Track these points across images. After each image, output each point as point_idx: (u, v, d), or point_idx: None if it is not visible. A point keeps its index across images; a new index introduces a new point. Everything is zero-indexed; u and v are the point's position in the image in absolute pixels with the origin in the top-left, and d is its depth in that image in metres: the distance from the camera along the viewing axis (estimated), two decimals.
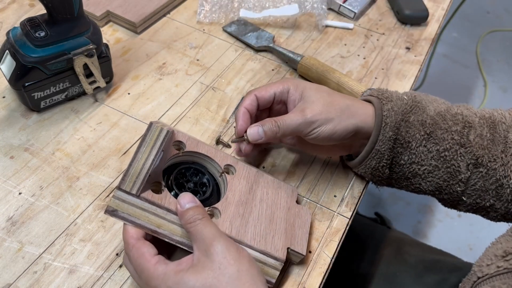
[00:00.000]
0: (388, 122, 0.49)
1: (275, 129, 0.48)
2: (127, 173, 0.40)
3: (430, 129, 0.49)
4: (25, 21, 0.54)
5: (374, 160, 0.50)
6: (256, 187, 0.49)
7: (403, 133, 0.49)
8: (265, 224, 0.46)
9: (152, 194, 0.42)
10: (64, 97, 0.60)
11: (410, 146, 0.49)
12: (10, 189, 0.51)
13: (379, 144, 0.49)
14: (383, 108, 0.49)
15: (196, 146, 0.48)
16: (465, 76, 2.01)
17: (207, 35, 0.74)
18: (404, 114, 0.49)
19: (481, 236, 1.47)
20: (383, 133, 0.49)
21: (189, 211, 0.40)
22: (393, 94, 0.51)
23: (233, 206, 0.46)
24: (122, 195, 0.41)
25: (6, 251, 0.47)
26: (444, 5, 0.86)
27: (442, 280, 0.66)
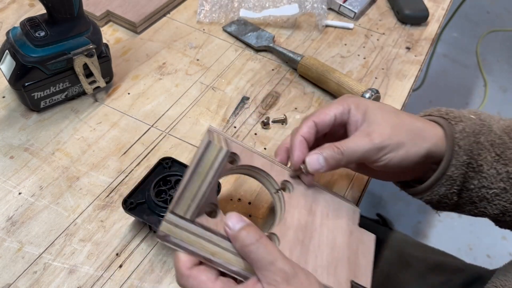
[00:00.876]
0: (462, 145, 0.43)
1: (339, 156, 0.42)
2: (181, 195, 0.36)
3: (500, 149, 0.44)
4: (25, 21, 0.54)
5: (444, 187, 0.45)
6: (316, 207, 0.44)
7: (475, 156, 0.44)
8: (327, 252, 0.41)
9: (207, 218, 0.37)
10: (64, 97, 0.60)
11: (481, 170, 0.44)
12: (10, 189, 0.51)
13: (451, 169, 0.44)
14: (454, 130, 0.44)
15: (251, 159, 0.43)
16: (465, 76, 2.01)
17: (207, 35, 0.74)
18: (475, 135, 0.44)
19: (481, 236, 1.47)
20: (457, 157, 0.43)
21: (241, 233, 0.36)
22: (460, 113, 0.46)
23: (292, 231, 0.41)
24: (175, 219, 0.36)
25: (6, 251, 0.46)
26: (444, 5, 0.86)
27: (446, 281, 0.66)
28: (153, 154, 0.56)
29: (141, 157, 0.56)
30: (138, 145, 0.57)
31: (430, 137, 0.44)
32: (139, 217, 0.47)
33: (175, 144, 0.58)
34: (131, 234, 0.49)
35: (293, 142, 0.44)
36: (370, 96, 0.61)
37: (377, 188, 1.54)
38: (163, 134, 0.59)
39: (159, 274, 0.46)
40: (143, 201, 0.47)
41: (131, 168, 0.55)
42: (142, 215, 0.47)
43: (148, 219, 0.46)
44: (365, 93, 0.61)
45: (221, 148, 0.36)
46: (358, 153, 0.42)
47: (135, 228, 0.49)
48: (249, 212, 0.52)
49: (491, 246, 1.45)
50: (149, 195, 0.47)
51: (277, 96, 0.66)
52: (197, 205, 0.36)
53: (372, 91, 0.62)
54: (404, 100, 0.67)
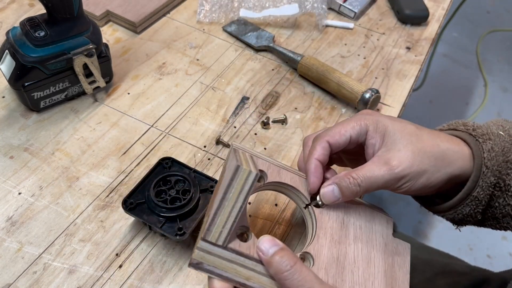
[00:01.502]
0: (490, 165, 0.41)
1: (355, 188, 0.40)
2: (213, 222, 0.35)
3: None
4: (25, 20, 0.54)
5: (468, 207, 0.43)
6: (348, 221, 0.42)
7: (503, 176, 0.42)
8: (362, 267, 0.40)
9: (240, 243, 0.37)
10: (64, 97, 0.60)
11: (509, 189, 0.42)
12: (10, 189, 0.51)
13: (477, 190, 0.42)
14: (482, 149, 0.42)
15: (278, 175, 0.42)
16: (465, 76, 2.01)
17: (207, 35, 0.74)
18: (504, 153, 0.42)
19: (482, 237, 1.46)
20: (484, 179, 0.41)
21: (275, 258, 0.35)
22: (488, 129, 0.44)
23: (326, 249, 0.40)
24: (208, 247, 0.36)
25: (6, 251, 0.46)
26: (444, 5, 0.86)
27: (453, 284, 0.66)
28: (153, 154, 0.56)
29: (141, 157, 0.56)
30: (138, 145, 0.57)
31: (455, 161, 0.42)
32: (139, 217, 0.46)
33: (175, 144, 0.58)
34: (131, 234, 0.49)
35: (308, 167, 0.42)
36: (370, 96, 0.61)
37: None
38: (163, 134, 0.59)
39: (159, 274, 0.46)
40: (143, 201, 0.47)
41: (131, 168, 0.55)
42: (142, 215, 0.47)
43: (148, 219, 0.46)
44: (365, 93, 0.61)
45: (251, 172, 0.35)
46: (376, 184, 0.40)
47: (135, 228, 0.49)
48: (249, 213, 0.52)
49: (491, 246, 1.45)
50: (149, 195, 0.47)
51: (277, 96, 0.66)
52: (229, 230, 0.36)
53: (372, 91, 0.61)
54: (404, 100, 0.67)
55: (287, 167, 0.44)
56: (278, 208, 0.53)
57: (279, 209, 0.53)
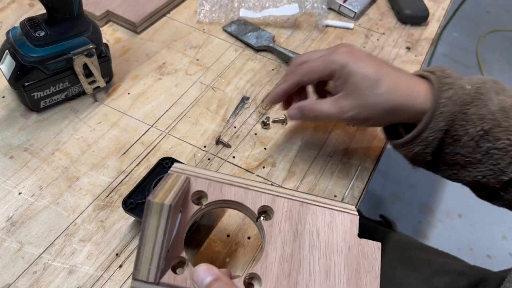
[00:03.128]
0: (444, 111, 0.45)
1: (313, 116, 0.49)
2: (138, 260, 0.34)
3: (489, 125, 0.45)
4: (25, 20, 0.54)
5: (418, 146, 0.47)
6: (303, 229, 0.39)
7: (456, 126, 0.45)
8: (320, 279, 0.37)
9: (175, 276, 0.35)
10: (64, 97, 0.60)
11: (460, 139, 0.46)
12: (10, 189, 0.51)
13: (427, 132, 0.46)
14: (441, 95, 0.45)
15: (221, 192, 0.40)
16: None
17: (207, 35, 0.74)
18: (462, 105, 0.45)
19: (482, 236, 1.46)
20: (436, 121, 0.45)
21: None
22: (456, 81, 0.47)
23: (276, 265, 0.37)
24: (141, 285, 0.34)
25: (6, 251, 0.46)
26: (444, 5, 0.86)
27: (451, 283, 0.66)
28: (153, 154, 0.56)
29: (141, 157, 0.56)
30: (138, 145, 0.57)
31: (406, 113, 0.47)
32: (139, 217, 0.46)
33: (175, 144, 0.58)
34: (131, 234, 0.49)
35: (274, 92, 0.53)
36: None
37: (377, 188, 1.54)
38: (163, 134, 0.59)
39: None
40: (143, 201, 0.47)
41: (131, 168, 0.55)
42: (142, 215, 0.46)
43: None
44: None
45: (163, 205, 0.33)
46: (329, 118, 0.49)
47: (135, 228, 0.49)
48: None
49: (491, 246, 1.45)
50: (149, 195, 0.47)
51: None
52: (156, 267, 0.34)
53: None
54: None
55: (232, 179, 0.41)
56: None
57: None
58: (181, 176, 0.38)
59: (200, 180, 0.40)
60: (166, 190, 0.36)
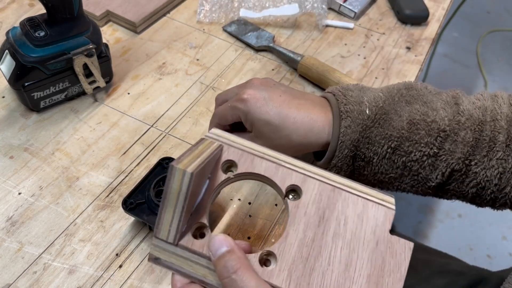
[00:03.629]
0: (344, 140, 0.46)
1: None
2: (159, 220, 0.35)
3: (396, 143, 0.45)
4: (25, 20, 0.54)
5: (333, 169, 0.48)
6: (330, 215, 0.37)
7: (363, 149, 0.46)
8: (338, 270, 0.35)
9: (193, 241, 0.35)
10: (64, 97, 0.60)
11: (371, 161, 0.47)
12: (10, 189, 0.51)
13: (335, 159, 0.47)
14: (340, 124, 0.46)
15: (252, 164, 0.39)
16: (465, 76, 2.01)
17: (207, 34, 0.74)
18: (363, 131, 0.46)
19: (482, 237, 1.46)
20: (340, 150, 0.46)
21: (220, 261, 0.33)
22: (355, 107, 0.47)
23: (294, 247, 0.35)
24: (161, 243, 0.35)
25: (6, 251, 0.46)
26: (444, 5, 0.86)
27: (450, 283, 0.66)
28: (153, 154, 0.56)
29: (141, 157, 0.56)
30: (138, 145, 0.57)
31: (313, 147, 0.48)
32: (139, 217, 0.46)
33: (175, 144, 0.58)
34: (131, 234, 0.49)
35: None
36: None
37: None
38: (163, 134, 0.59)
39: (159, 274, 0.46)
40: (143, 201, 0.47)
41: (131, 168, 0.55)
42: (142, 215, 0.47)
43: (148, 219, 0.46)
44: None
45: (185, 172, 0.33)
46: None
47: (135, 228, 0.49)
48: (249, 213, 0.52)
49: (491, 247, 1.45)
50: (149, 195, 0.47)
51: None
52: (176, 229, 0.35)
53: None
54: None
55: (265, 152, 0.40)
56: (278, 208, 0.53)
57: (279, 209, 0.53)
58: (214, 143, 0.38)
59: (233, 149, 0.39)
60: (193, 156, 0.35)
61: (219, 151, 0.38)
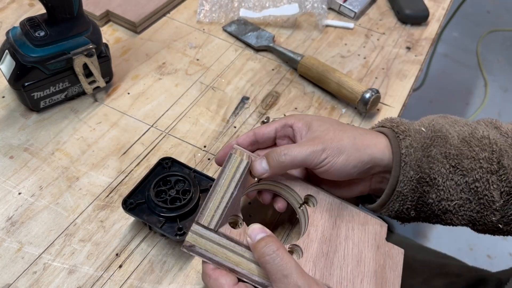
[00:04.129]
0: (408, 161, 0.43)
1: (282, 158, 0.42)
2: (205, 206, 0.38)
3: (456, 160, 0.43)
4: (25, 20, 0.54)
5: (397, 203, 0.44)
6: (340, 222, 0.44)
7: (426, 170, 0.43)
8: (352, 265, 0.41)
9: (231, 229, 0.39)
10: (64, 97, 0.60)
11: (436, 183, 0.43)
12: (10, 189, 0.51)
13: (400, 185, 0.43)
14: (400, 145, 0.44)
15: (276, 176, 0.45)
16: (465, 76, 2.01)
17: (207, 34, 0.74)
18: (425, 149, 0.43)
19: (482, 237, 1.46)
20: (404, 173, 0.43)
21: (260, 243, 0.37)
22: (409, 126, 0.45)
23: (316, 244, 0.41)
24: (200, 230, 0.39)
25: (6, 251, 0.46)
26: (444, 5, 0.86)
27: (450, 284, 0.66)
28: (153, 154, 0.56)
29: (141, 157, 0.56)
30: (138, 145, 0.57)
31: (374, 145, 0.44)
32: (139, 217, 0.46)
33: (175, 144, 0.58)
34: (131, 234, 0.49)
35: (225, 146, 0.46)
36: (371, 96, 0.61)
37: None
38: (163, 134, 0.59)
39: (159, 274, 0.46)
40: (143, 201, 0.47)
41: (131, 168, 0.55)
42: (142, 215, 0.47)
43: (148, 219, 0.46)
44: (365, 93, 0.61)
45: (242, 160, 0.39)
46: (300, 157, 0.42)
47: (135, 228, 0.49)
48: (249, 213, 0.52)
49: (491, 247, 1.44)
50: (149, 195, 0.47)
51: (277, 96, 0.66)
52: (220, 215, 0.38)
53: (372, 91, 0.61)
54: (404, 100, 0.67)
55: None
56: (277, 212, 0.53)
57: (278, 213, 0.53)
58: (244, 152, 0.42)
59: None
60: (240, 154, 0.40)
61: (251, 159, 0.42)
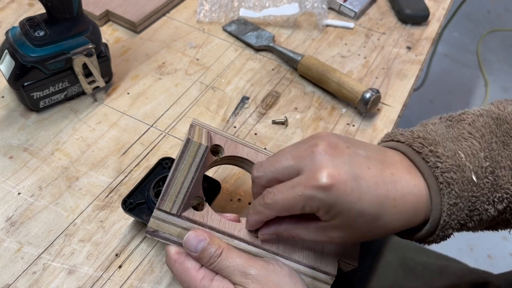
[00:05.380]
0: (449, 221, 0.35)
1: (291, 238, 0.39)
2: (166, 192, 0.38)
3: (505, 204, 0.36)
4: (24, 20, 0.54)
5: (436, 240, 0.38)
6: None
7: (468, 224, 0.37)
8: None
9: (194, 212, 0.39)
10: (63, 97, 0.60)
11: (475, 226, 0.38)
12: (9, 189, 0.51)
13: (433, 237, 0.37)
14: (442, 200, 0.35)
15: (235, 149, 0.44)
16: (466, 76, 2.01)
17: (207, 34, 0.74)
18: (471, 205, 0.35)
19: (482, 237, 1.46)
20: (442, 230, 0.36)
21: (204, 254, 0.37)
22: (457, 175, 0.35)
23: None
24: (162, 215, 0.39)
25: (5, 251, 0.46)
26: (445, 5, 0.86)
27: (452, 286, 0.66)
28: (153, 154, 0.56)
29: (141, 157, 0.56)
30: (137, 145, 0.57)
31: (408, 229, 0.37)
32: (139, 217, 0.46)
33: (175, 144, 0.58)
34: (130, 234, 0.49)
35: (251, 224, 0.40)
36: (371, 96, 0.61)
37: None
38: (162, 134, 0.59)
39: (158, 274, 0.46)
40: (143, 201, 0.47)
41: (131, 168, 0.55)
42: (142, 215, 0.46)
43: (148, 219, 0.46)
44: (365, 93, 0.61)
45: (201, 144, 0.38)
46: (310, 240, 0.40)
47: (135, 229, 0.49)
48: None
49: (492, 247, 1.44)
50: (148, 195, 0.47)
51: (277, 96, 0.66)
52: (182, 200, 0.38)
53: (372, 91, 0.61)
54: (405, 100, 0.67)
55: (244, 142, 0.46)
56: None
57: None
58: (203, 129, 0.42)
59: (219, 136, 0.44)
60: (198, 135, 0.40)
61: (210, 136, 0.43)
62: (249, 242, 0.40)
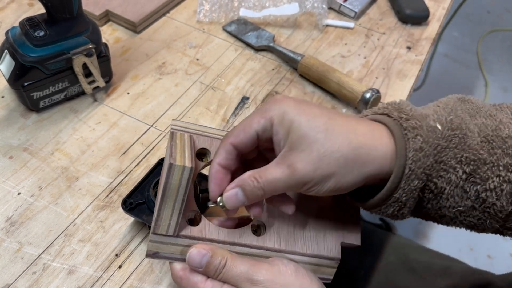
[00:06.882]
0: (414, 168, 0.35)
1: (259, 192, 0.36)
2: (159, 217, 0.37)
3: (472, 166, 0.36)
4: (24, 20, 0.54)
5: (391, 207, 0.38)
6: None
7: (434, 179, 0.36)
8: (313, 223, 0.42)
9: (191, 228, 0.38)
10: (63, 97, 0.60)
11: (442, 192, 0.37)
12: (9, 189, 0.51)
13: (399, 192, 0.36)
14: (407, 146, 0.35)
15: None
16: (466, 76, 2.01)
17: (207, 34, 0.74)
18: (437, 153, 0.36)
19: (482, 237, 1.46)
20: (407, 181, 0.36)
21: (209, 267, 0.37)
22: (422, 121, 0.36)
23: (275, 213, 0.42)
24: (159, 238, 0.38)
25: (5, 251, 0.46)
26: (445, 5, 0.86)
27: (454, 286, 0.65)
28: (153, 154, 0.56)
29: (141, 157, 0.56)
30: (137, 145, 0.57)
31: (372, 160, 0.36)
32: (139, 217, 0.46)
33: None
34: (130, 234, 0.49)
35: (209, 173, 0.39)
36: (371, 96, 0.61)
37: None
38: (162, 134, 0.59)
39: (158, 274, 0.46)
40: (143, 202, 0.47)
41: (131, 168, 0.55)
42: (142, 215, 0.46)
43: (148, 219, 0.46)
44: (365, 93, 0.61)
45: (184, 168, 0.35)
46: (279, 188, 0.36)
47: (135, 229, 0.49)
48: None
49: (492, 247, 1.44)
50: (148, 195, 0.47)
51: None
52: (176, 222, 0.37)
53: (372, 91, 0.61)
54: None
55: None
56: None
57: None
58: (184, 134, 0.40)
59: (203, 138, 0.42)
60: (180, 151, 0.38)
61: (193, 141, 0.41)
62: (251, 246, 0.40)
